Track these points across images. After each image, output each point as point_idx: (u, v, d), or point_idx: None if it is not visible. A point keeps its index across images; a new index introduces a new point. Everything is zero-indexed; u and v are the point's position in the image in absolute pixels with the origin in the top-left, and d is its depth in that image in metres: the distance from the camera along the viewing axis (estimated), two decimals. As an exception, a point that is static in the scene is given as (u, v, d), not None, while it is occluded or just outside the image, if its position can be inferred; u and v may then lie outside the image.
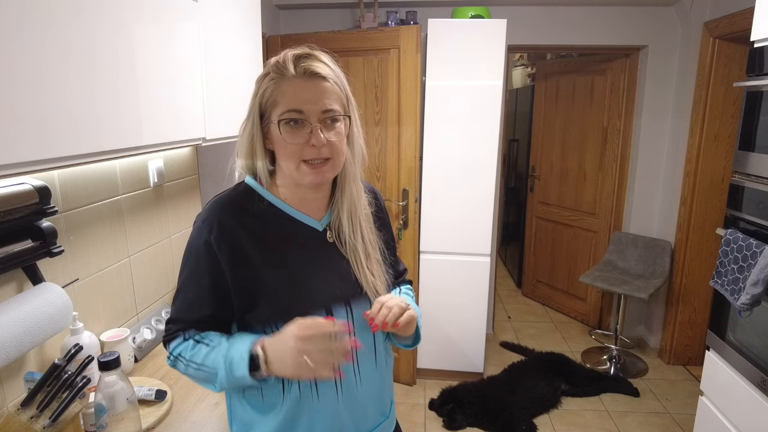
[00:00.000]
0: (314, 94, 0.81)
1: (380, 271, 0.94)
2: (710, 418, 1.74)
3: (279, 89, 0.81)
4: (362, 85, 2.54)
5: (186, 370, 0.87)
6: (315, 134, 0.80)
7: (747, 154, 1.60)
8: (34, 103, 0.78)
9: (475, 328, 2.76)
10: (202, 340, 0.86)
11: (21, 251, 1.05)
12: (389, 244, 1.02)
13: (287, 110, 0.81)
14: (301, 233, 0.89)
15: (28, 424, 0.95)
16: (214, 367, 0.82)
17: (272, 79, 0.82)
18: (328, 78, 0.82)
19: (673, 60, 2.93)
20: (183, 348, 0.86)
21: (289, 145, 0.82)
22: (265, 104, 0.83)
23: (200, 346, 0.85)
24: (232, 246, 0.83)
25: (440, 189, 2.61)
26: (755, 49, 1.55)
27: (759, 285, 1.46)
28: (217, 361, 0.82)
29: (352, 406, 0.90)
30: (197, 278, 0.85)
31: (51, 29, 0.81)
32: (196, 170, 1.85)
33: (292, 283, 0.85)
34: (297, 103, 0.80)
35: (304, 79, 0.81)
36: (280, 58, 0.83)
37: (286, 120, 0.81)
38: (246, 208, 0.87)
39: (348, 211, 0.91)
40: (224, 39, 1.48)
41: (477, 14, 2.58)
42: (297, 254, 0.88)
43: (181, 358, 0.86)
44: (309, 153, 0.82)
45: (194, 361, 0.84)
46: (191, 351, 0.85)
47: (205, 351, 0.84)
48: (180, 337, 0.87)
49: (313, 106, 0.81)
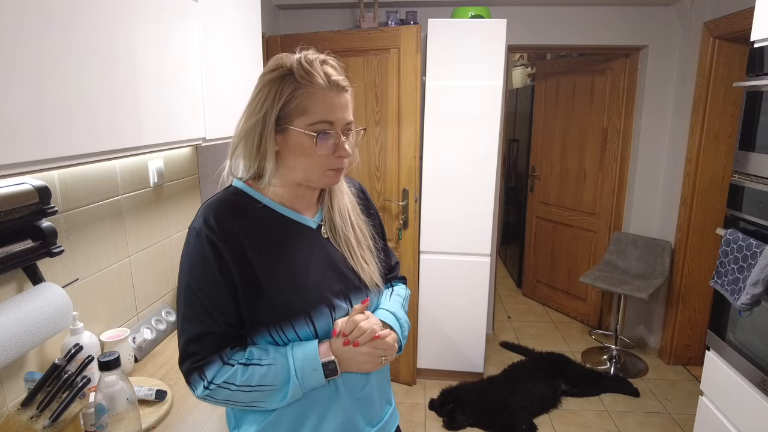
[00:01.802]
0: (342, 107, 0.85)
1: (372, 258, 0.97)
2: (710, 418, 1.74)
3: (311, 98, 0.81)
4: (362, 85, 2.54)
5: (232, 397, 0.81)
6: (342, 147, 0.86)
7: (747, 154, 1.60)
8: (33, 102, 0.78)
9: (475, 328, 2.76)
10: (250, 361, 0.82)
11: (21, 251, 1.05)
12: (378, 229, 1.04)
13: (320, 121, 0.82)
14: (297, 232, 0.90)
15: (28, 424, 0.95)
16: (278, 383, 0.82)
17: (301, 85, 0.81)
18: (348, 90, 0.86)
19: (673, 60, 2.93)
20: (230, 374, 0.80)
21: (319, 156, 0.84)
22: (289, 110, 0.82)
23: (252, 368, 0.81)
24: (233, 246, 0.83)
25: (440, 189, 2.61)
26: (755, 49, 1.55)
27: (759, 285, 1.46)
28: (281, 377, 0.82)
29: (357, 396, 0.91)
30: (211, 282, 0.81)
31: (51, 28, 0.81)
32: (196, 170, 1.85)
33: (293, 283, 0.85)
34: (330, 115, 0.83)
35: (336, 92, 0.83)
36: (303, 62, 0.82)
37: (319, 131, 0.83)
38: (241, 210, 0.87)
39: (338, 203, 0.94)
40: (224, 39, 1.48)
41: (477, 14, 2.58)
42: (295, 253, 0.88)
43: (227, 385, 0.80)
44: (336, 163, 0.86)
45: (249, 384, 0.81)
46: (243, 376, 0.81)
47: (262, 371, 0.81)
48: (217, 362, 0.81)
49: (341, 119, 0.84)
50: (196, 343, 0.81)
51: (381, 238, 1.05)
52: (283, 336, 0.84)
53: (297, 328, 0.84)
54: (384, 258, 1.02)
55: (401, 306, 1.01)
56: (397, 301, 1.01)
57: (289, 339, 0.85)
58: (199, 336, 0.81)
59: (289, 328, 0.84)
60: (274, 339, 0.85)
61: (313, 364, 0.82)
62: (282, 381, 0.82)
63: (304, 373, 0.82)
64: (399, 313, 0.97)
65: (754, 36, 1.51)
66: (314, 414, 0.88)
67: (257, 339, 0.85)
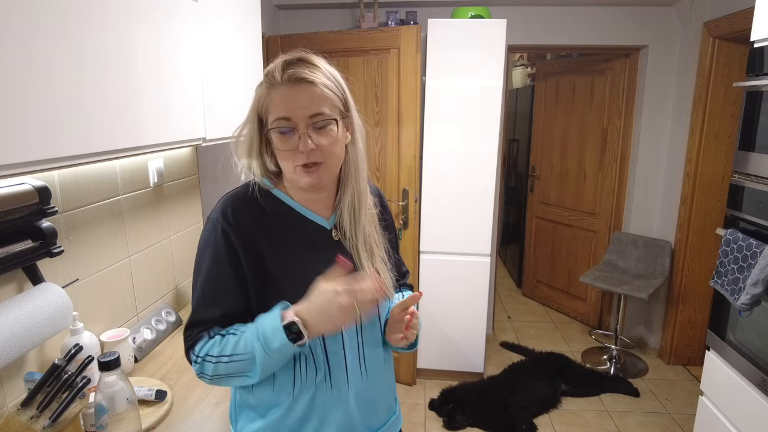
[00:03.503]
0: (302, 100, 0.81)
1: (385, 270, 0.95)
2: (710, 418, 1.74)
3: (269, 97, 0.83)
4: (362, 85, 2.54)
5: (216, 370, 0.83)
6: (303, 141, 0.82)
7: (747, 154, 1.60)
8: (33, 103, 0.78)
9: (475, 328, 2.76)
10: (228, 332, 0.84)
11: (21, 251, 1.05)
12: (393, 245, 1.03)
13: (276, 118, 0.82)
14: (311, 231, 0.91)
15: (28, 425, 0.95)
16: (248, 351, 0.80)
17: (265, 87, 0.84)
18: (315, 82, 0.82)
19: (673, 60, 2.93)
20: (210, 346, 0.83)
21: (282, 152, 0.84)
22: (261, 112, 0.85)
23: (228, 337, 0.83)
24: (246, 239, 0.85)
25: (440, 189, 2.61)
26: (755, 49, 1.55)
27: (759, 285, 1.46)
28: (249, 344, 0.80)
29: (361, 401, 0.92)
30: (219, 270, 0.85)
31: (51, 29, 0.81)
32: (196, 170, 1.85)
33: (302, 280, 0.85)
34: (284, 110, 0.82)
35: (291, 86, 0.82)
36: (270, 65, 0.84)
37: (276, 128, 0.83)
38: (258, 204, 0.88)
39: (350, 209, 0.92)
40: (224, 39, 1.48)
41: (477, 14, 2.58)
42: (306, 252, 0.89)
43: (209, 358, 0.83)
44: (300, 158, 0.83)
45: (225, 354, 0.82)
46: (219, 346, 0.82)
47: (234, 340, 0.82)
48: (204, 338, 0.85)
49: (300, 112, 0.81)
50: (194, 327, 0.86)
51: (395, 252, 1.04)
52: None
53: None
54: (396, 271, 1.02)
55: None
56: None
57: None
58: (197, 322, 0.86)
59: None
60: None
61: (274, 323, 0.79)
62: (251, 349, 0.80)
63: (267, 334, 0.79)
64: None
65: (754, 36, 1.51)
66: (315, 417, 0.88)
67: None
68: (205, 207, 1.89)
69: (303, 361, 0.87)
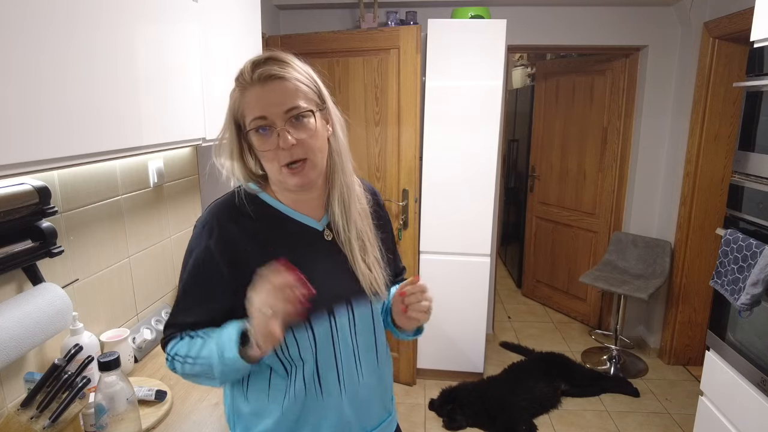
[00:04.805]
0: (274, 96, 0.80)
1: (378, 267, 0.94)
2: (710, 418, 1.74)
3: (243, 99, 0.82)
4: (362, 85, 2.54)
5: (183, 369, 0.86)
6: (282, 137, 0.80)
7: (747, 154, 1.60)
8: (33, 103, 0.78)
9: (475, 328, 2.76)
10: (197, 335, 0.86)
11: (21, 251, 1.05)
12: (389, 244, 1.02)
13: (253, 119, 0.81)
14: (301, 234, 0.90)
15: (28, 425, 0.95)
16: (208, 356, 0.81)
17: (237, 90, 0.83)
18: (286, 77, 0.81)
19: (673, 60, 2.93)
20: (179, 346, 0.86)
21: (264, 153, 0.83)
22: (238, 116, 0.84)
23: (195, 340, 0.85)
24: (232, 251, 0.84)
25: (440, 189, 2.61)
26: (755, 49, 1.55)
27: (759, 285, 1.46)
28: (209, 350, 0.82)
29: (356, 404, 0.91)
30: (197, 282, 0.86)
31: (50, 29, 0.81)
32: (196, 170, 1.85)
33: None
34: (259, 109, 0.81)
35: (261, 84, 0.81)
36: (240, 69, 0.84)
37: (254, 128, 0.82)
38: (246, 211, 0.87)
39: (340, 203, 0.90)
40: (224, 39, 1.48)
41: (477, 14, 2.58)
42: (298, 258, 0.86)
43: (178, 357, 0.85)
44: (283, 157, 0.82)
45: (190, 356, 0.84)
46: (186, 347, 0.85)
47: (200, 343, 0.84)
48: (176, 337, 0.87)
49: (275, 109, 0.80)
50: (171, 326, 0.89)
51: (391, 251, 1.02)
52: (282, 340, 0.83)
53: (296, 332, 0.84)
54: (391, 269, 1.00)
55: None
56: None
57: (287, 343, 0.84)
58: (173, 324, 0.88)
59: (288, 333, 0.83)
60: None
61: (231, 333, 0.79)
62: (210, 355, 0.81)
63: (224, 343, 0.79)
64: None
65: (753, 36, 1.51)
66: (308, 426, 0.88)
67: None
68: (205, 207, 1.88)
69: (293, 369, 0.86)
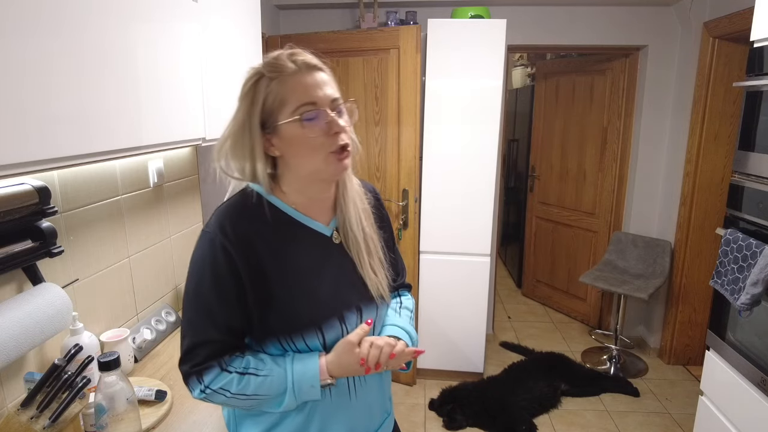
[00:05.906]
0: (320, 84, 0.80)
1: (382, 269, 0.94)
2: (710, 418, 1.74)
3: (284, 87, 0.79)
4: (362, 85, 2.54)
5: (227, 402, 0.83)
6: (334, 122, 0.79)
7: (747, 154, 1.60)
8: (33, 103, 0.78)
9: (475, 328, 2.76)
10: (247, 371, 0.81)
11: (21, 251, 1.05)
12: (389, 243, 1.01)
13: (301, 104, 0.78)
14: (311, 239, 0.88)
15: (28, 425, 0.95)
16: (273, 393, 0.82)
17: (272, 80, 0.80)
18: (323, 68, 0.82)
19: (673, 60, 2.93)
20: (226, 382, 0.80)
21: (312, 139, 0.79)
22: (270, 108, 0.80)
23: (248, 377, 0.81)
24: (247, 253, 0.80)
25: (440, 189, 2.61)
26: (755, 49, 1.55)
27: (759, 285, 1.46)
28: (275, 389, 0.82)
29: (363, 407, 0.92)
30: (219, 291, 0.80)
31: (50, 29, 0.81)
32: (196, 170, 1.85)
33: (305, 295, 0.84)
34: (308, 95, 0.79)
35: (307, 72, 0.80)
36: (270, 60, 0.82)
37: (304, 115, 0.78)
38: (256, 214, 0.84)
39: (353, 207, 0.90)
40: (224, 39, 1.48)
41: (477, 14, 2.58)
42: (308, 263, 0.86)
43: (223, 392, 0.81)
44: (333, 142, 0.80)
45: (244, 393, 0.81)
46: (239, 385, 0.81)
47: (257, 381, 0.81)
48: (216, 369, 0.81)
49: (323, 97, 0.80)
50: (198, 348, 0.81)
51: (391, 250, 1.01)
52: (293, 345, 0.84)
53: (307, 340, 0.84)
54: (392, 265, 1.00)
55: (410, 320, 1.00)
56: (406, 315, 1.00)
57: (298, 349, 0.84)
58: (202, 343, 0.81)
59: (299, 339, 0.83)
60: (284, 347, 0.84)
61: (311, 381, 0.82)
62: (277, 392, 0.82)
63: (302, 389, 0.82)
64: (411, 331, 0.96)
65: (753, 36, 1.51)
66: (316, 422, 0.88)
67: (266, 346, 0.85)
68: (205, 207, 1.89)
69: None
